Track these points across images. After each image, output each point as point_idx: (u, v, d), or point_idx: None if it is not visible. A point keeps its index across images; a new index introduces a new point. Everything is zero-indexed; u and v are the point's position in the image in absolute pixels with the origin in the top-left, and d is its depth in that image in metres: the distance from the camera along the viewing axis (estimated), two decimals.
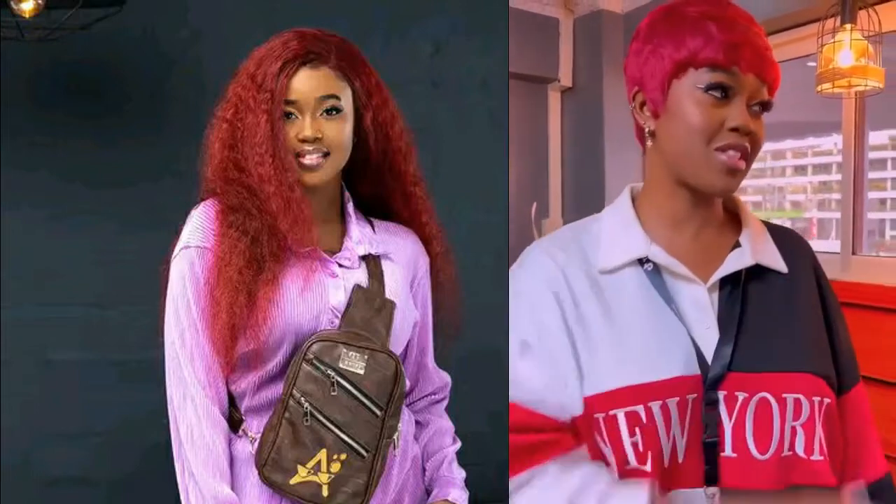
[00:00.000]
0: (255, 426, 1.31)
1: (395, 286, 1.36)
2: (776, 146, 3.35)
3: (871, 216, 2.74)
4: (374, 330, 1.31)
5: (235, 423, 1.33)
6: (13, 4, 1.89)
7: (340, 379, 1.28)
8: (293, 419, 1.27)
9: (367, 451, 1.29)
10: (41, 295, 2.33)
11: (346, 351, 1.28)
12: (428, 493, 1.43)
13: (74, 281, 2.33)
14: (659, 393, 1.15)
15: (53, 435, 2.35)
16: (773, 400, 1.16)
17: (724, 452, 1.15)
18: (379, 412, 1.30)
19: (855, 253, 2.65)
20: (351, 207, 1.38)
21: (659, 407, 1.14)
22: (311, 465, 1.28)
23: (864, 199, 2.66)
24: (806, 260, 1.28)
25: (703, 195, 1.22)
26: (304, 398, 1.27)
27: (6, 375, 2.30)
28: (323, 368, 1.28)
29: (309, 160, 1.29)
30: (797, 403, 1.16)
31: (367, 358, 1.29)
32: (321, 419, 1.28)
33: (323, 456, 1.28)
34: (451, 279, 1.47)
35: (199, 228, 1.30)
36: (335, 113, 1.30)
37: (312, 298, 1.30)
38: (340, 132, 1.31)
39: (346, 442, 1.28)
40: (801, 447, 1.16)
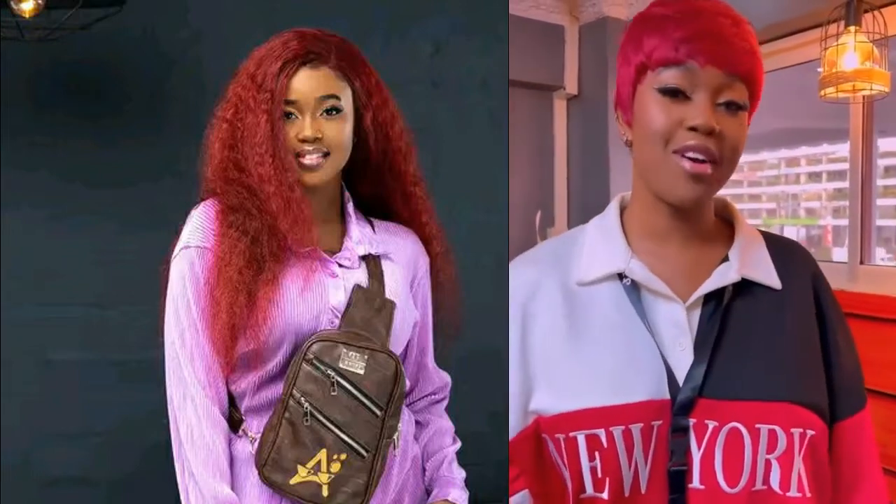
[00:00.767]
0: (255, 426, 1.31)
1: (395, 286, 1.36)
2: (790, 153, 3.33)
3: (886, 223, 2.66)
4: (374, 330, 1.31)
5: (235, 423, 1.32)
6: (13, 4, 1.89)
7: (340, 379, 1.28)
8: (293, 419, 1.27)
9: (367, 451, 1.29)
10: (41, 295, 2.33)
11: (346, 351, 1.28)
12: (428, 493, 1.43)
13: (74, 281, 2.33)
14: (622, 417, 1.08)
15: (53, 435, 2.35)
16: (744, 430, 1.08)
17: (691, 484, 1.08)
18: (379, 412, 1.30)
19: (863, 262, 2.58)
20: (351, 207, 1.38)
21: (621, 432, 1.07)
22: (311, 465, 1.28)
23: (872, 207, 2.59)
24: (805, 275, 1.19)
25: (680, 206, 1.12)
26: (304, 398, 1.27)
27: (6, 375, 2.30)
28: (323, 368, 1.27)
29: (309, 160, 1.29)
30: (772, 435, 1.08)
31: (367, 358, 1.29)
32: (321, 419, 1.28)
33: (323, 456, 1.28)
34: (451, 279, 1.47)
35: (199, 228, 1.30)
36: (335, 113, 1.30)
37: (312, 298, 1.30)
38: (340, 132, 1.31)
39: (346, 442, 1.28)
40: (776, 482, 1.08)
